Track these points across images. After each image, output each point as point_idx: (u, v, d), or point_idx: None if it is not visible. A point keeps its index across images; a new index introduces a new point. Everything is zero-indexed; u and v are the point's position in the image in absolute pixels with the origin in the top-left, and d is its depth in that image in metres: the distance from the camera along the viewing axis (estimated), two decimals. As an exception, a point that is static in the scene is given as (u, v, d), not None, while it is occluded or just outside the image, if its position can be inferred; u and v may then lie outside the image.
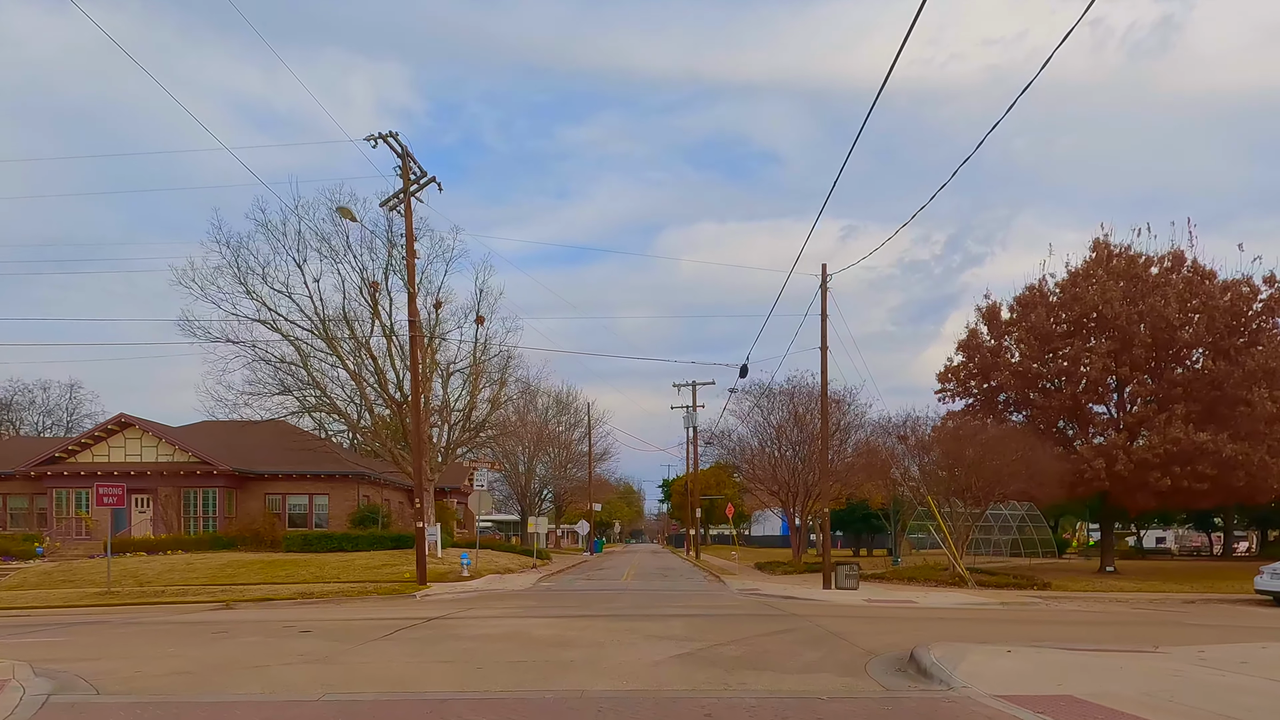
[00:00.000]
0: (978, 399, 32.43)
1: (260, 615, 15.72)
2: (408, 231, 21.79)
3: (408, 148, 21.44)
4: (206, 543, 31.70)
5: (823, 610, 16.19)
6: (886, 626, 13.19)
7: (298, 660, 9.35)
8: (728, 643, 10.73)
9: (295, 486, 36.01)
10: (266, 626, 13.23)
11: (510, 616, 14.67)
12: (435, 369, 30.43)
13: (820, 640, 11.09)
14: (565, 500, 72.88)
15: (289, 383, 28.78)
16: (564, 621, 13.51)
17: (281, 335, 27.26)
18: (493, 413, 32.12)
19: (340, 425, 30.59)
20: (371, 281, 26.59)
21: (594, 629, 12.32)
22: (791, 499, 32.62)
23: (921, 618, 15.08)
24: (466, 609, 16.60)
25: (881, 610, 16.79)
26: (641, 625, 12.84)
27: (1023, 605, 19.01)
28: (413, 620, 13.77)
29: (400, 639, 11.29)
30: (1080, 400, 28.34)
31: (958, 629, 13.02)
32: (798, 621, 13.63)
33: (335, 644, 10.79)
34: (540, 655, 9.61)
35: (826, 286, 22.11)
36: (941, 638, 11.17)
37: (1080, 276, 29.09)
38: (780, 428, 31.75)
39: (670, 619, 13.98)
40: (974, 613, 16.77)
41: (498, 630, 12.25)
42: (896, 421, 28.72)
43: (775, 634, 11.78)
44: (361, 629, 12.59)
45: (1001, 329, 31.51)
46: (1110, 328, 27.46)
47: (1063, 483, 26.70)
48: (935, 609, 17.49)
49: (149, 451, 34.13)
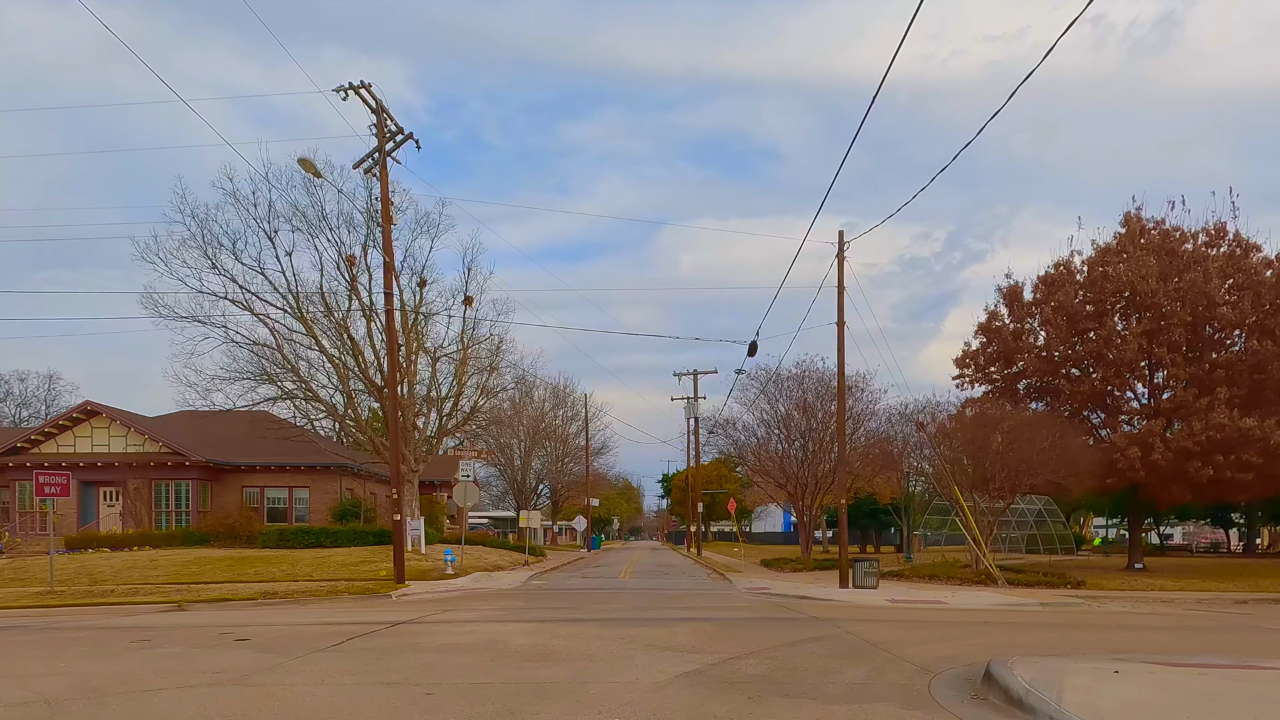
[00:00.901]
0: (998, 385, 30.46)
1: (205, 619, 13.76)
2: (383, 194, 19.80)
3: (383, 102, 19.46)
4: (177, 538, 29.75)
5: (847, 612, 14.23)
6: (929, 633, 11.24)
7: (205, 681, 7.39)
8: (746, 655, 8.78)
9: (274, 479, 34.04)
10: (200, 634, 11.26)
11: (489, 621, 12.71)
12: (420, 351, 28.44)
13: (858, 652, 9.13)
14: (562, 496, 70.86)
15: (263, 367, 26.79)
16: (549, 628, 11.55)
17: (253, 315, 25.24)
18: (481, 399, 30.11)
19: (323, 414, 28.49)
20: (348, 256, 24.56)
21: (583, 637, 10.36)
22: (800, 492, 30.65)
23: (962, 621, 13.13)
24: (444, 611, 14.66)
25: (912, 612, 14.84)
26: (640, 632, 10.88)
27: (1065, 606, 17.06)
28: (375, 625, 11.81)
29: (348, 651, 9.33)
30: (1111, 385, 26.36)
31: (1013, 635, 11.06)
32: (823, 627, 11.67)
33: (267, 657, 8.84)
34: (513, 674, 7.65)
35: (843, 255, 20.13)
36: (1002, 647, 9.22)
37: (1111, 253, 27.11)
38: (789, 415, 29.76)
39: (674, 624, 12.02)
40: (1016, 615, 14.83)
41: (469, 639, 10.29)
42: (915, 408, 26.72)
43: (801, 644, 9.81)
44: (311, 636, 10.63)
45: (1024, 310, 29.52)
46: (1145, 307, 25.49)
47: (1094, 473, 24.75)
48: (970, 610, 15.54)
49: (117, 441, 32.13)
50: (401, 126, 19.64)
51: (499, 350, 30.51)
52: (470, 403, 29.70)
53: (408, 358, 27.82)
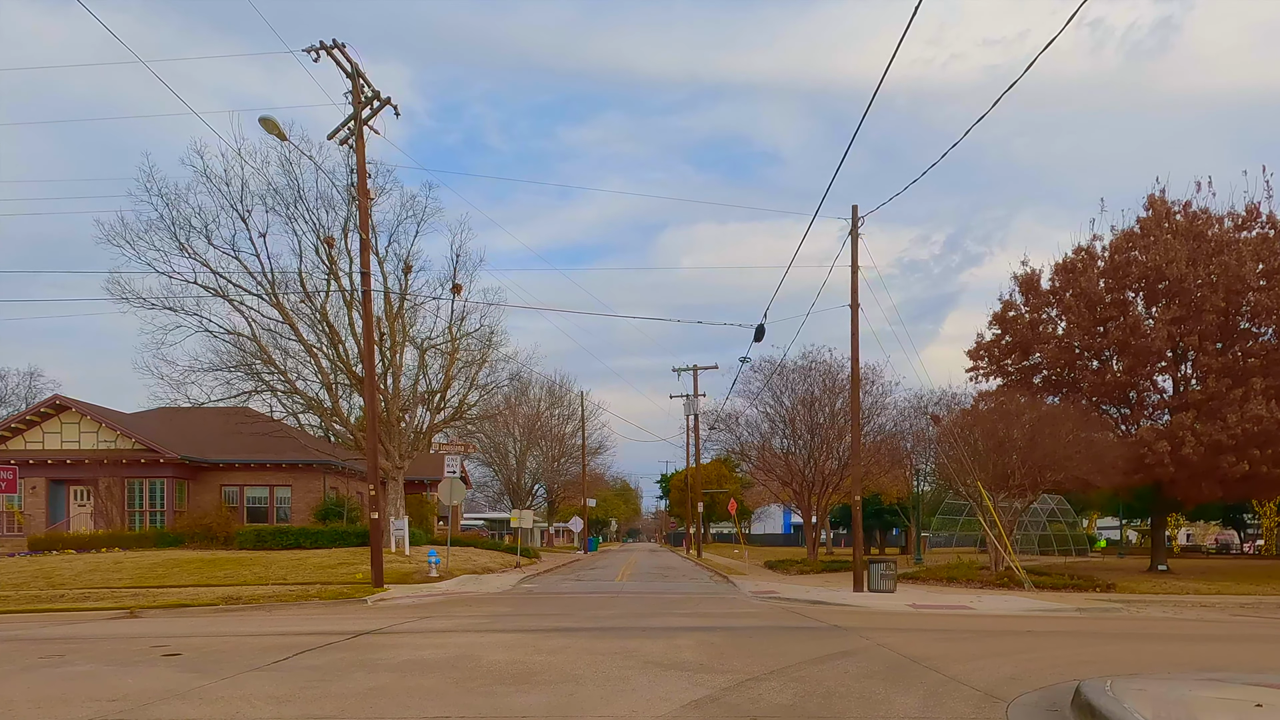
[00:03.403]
0: (1013, 378, 28.97)
1: (148, 628, 12.21)
2: (359, 165, 18.26)
3: (359, 65, 17.93)
4: (150, 539, 28.15)
5: (869, 620, 12.72)
6: (973, 645, 9.72)
7: (86, 714, 5.86)
8: (766, 676, 7.26)
9: (254, 477, 32.48)
10: (128, 647, 9.73)
11: (466, 630, 11.17)
12: (406, 341, 26.89)
13: (900, 672, 7.61)
14: (558, 496, 69.26)
15: (240, 358, 25.23)
16: (533, 639, 10.01)
17: (227, 300, 23.68)
18: (472, 393, 28.55)
19: (303, 408, 26.85)
20: (326, 237, 23.00)
21: (572, 651, 8.83)
22: (806, 490, 29.12)
23: (1002, 630, 11.61)
24: (420, 618, 13.13)
25: (940, 619, 13.32)
26: (638, 645, 9.36)
27: (1104, 611, 15.57)
28: (335, 636, 10.28)
29: (288, 670, 7.80)
30: (1137, 375, 24.88)
31: (1072, 648, 9.55)
32: (849, 638, 10.15)
33: (187, 678, 7.31)
34: (478, 703, 6.13)
35: (858, 232, 18.62)
36: (1068, 664, 7.74)
37: (1135, 238, 25.64)
38: (795, 409, 28.21)
39: (677, 635, 10.49)
40: (1057, 622, 13.32)
41: (437, 653, 8.76)
42: (930, 399, 25.21)
43: (829, 660, 8.29)
44: (252, 651, 9.10)
45: (1042, 299, 28.05)
46: (1173, 293, 24.03)
47: (1120, 470, 23.26)
48: (1004, 616, 14.04)
49: (88, 438, 30.55)
50: (379, 91, 18.11)
51: (490, 342, 28.96)
52: (459, 396, 28.15)
53: (392, 348, 26.29)
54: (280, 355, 24.99)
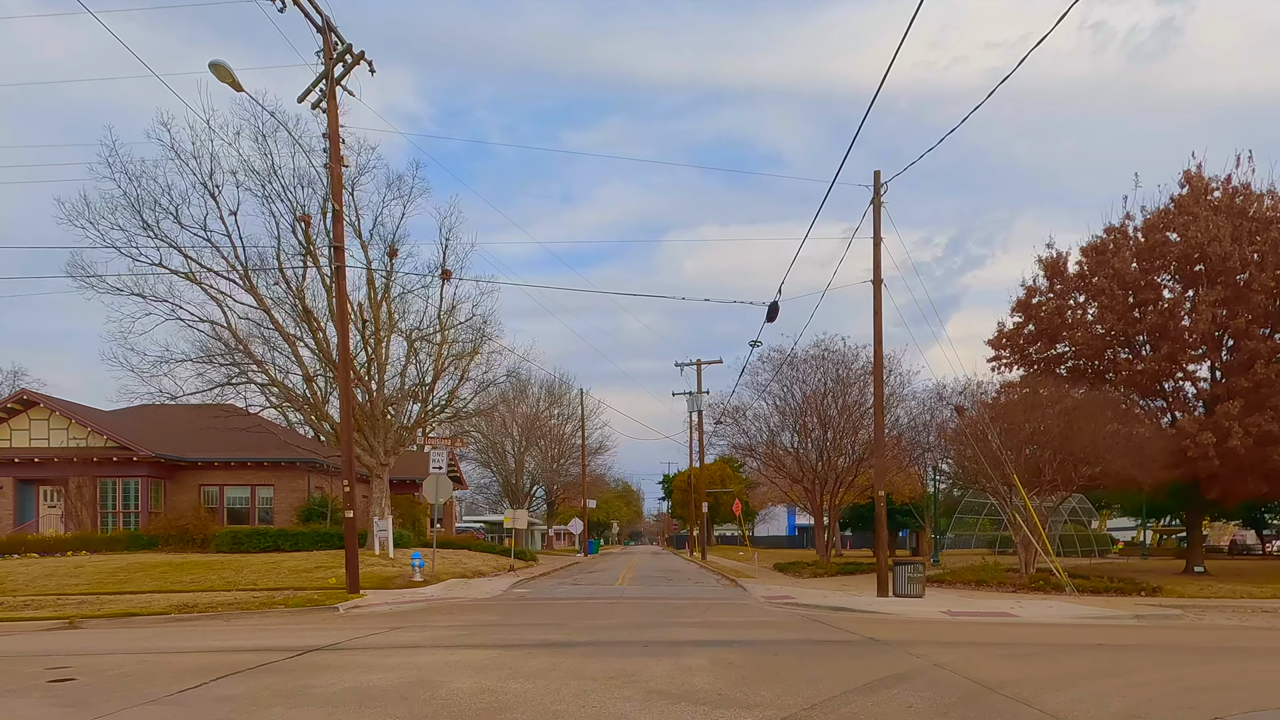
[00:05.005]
0: (1038, 368, 27.20)
1: (69, 644, 10.52)
2: (331, 128, 16.57)
3: (330, 19, 16.25)
4: (121, 541, 26.44)
5: (909, 631, 10.99)
6: (1048, 665, 7.99)
7: None
8: (806, 712, 5.54)
9: (235, 476, 30.77)
10: (13, 670, 8.02)
11: (435, 646, 9.44)
12: (393, 330, 25.20)
13: (980, 706, 5.88)
14: (558, 497, 67.52)
15: (213, 346, 23.55)
16: (513, 658, 8.29)
17: (197, 284, 22.01)
18: (463, 385, 26.82)
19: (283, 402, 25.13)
20: (302, 215, 21.30)
21: (556, 675, 7.11)
22: (819, 487, 27.36)
23: (1071, 643, 9.86)
24: (391, 629, 11.44)
25: (989, 630, 11.58)
26: (639, 665, 7.63)
27: (1164, 619, 13.84)
28: (278, 655, 8.57)
29: (192, 703, 6.09)
30: (1178, 360, 23.12)
31: (1171, 668, 7.82)
32: (894, 655, 8.42)
33: (59, 714, 5.61)
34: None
35: (880, 201, 16.90)
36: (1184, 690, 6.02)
37: (1172, 215, 23.90)
38: (808, 399, 26.43)
39: (686, 651, 8.76)
40: (1121, 631, 11.58)
41: (388, 678, 7.03)
42: (953, 390, 23.47)
43: (881, 687, 6.56)
44: (168, 674, 7.39)
45: (1069, 283, 26.30)
46: (1216, 273, 22.28)
47: (1161, 464, 21.50)
48: (1057, 625, 12.31)
49: (58, 435, 28.87)
50: (352, 45, 16.42)
51: (483, 333, 27.19)
52: (447, 388, 26.45)
53: (376, 337, 24.60)
54: (263, 347, 23.35)
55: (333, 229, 16.59)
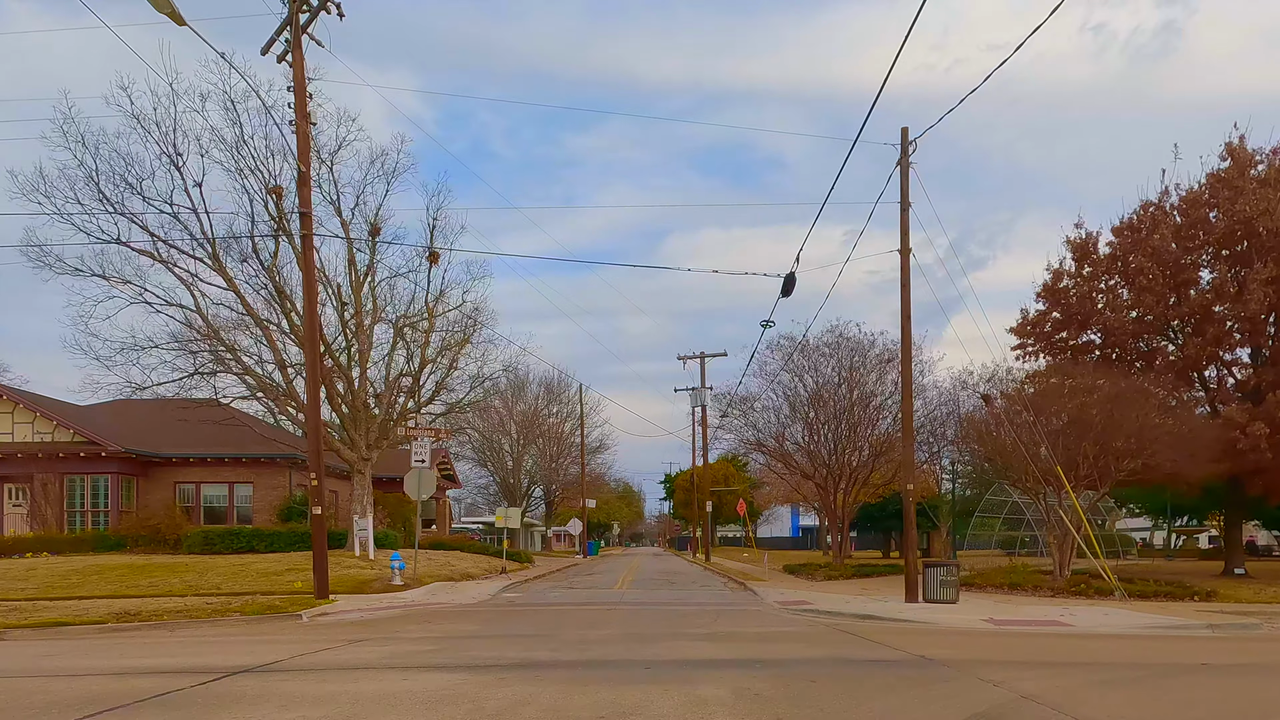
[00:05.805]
0: (1065, 356, 25.45)
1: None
2: (297, 81, 14.86)
3: (296, -44, 14.56)
4: (87, 542, 24.76)
5: (960, 646, 9.25)
6: (1158, 694, 6.25)
7: None
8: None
9: (212, 473, 29.04)
10: None
11: (389, 669, 7.69)
12: (376, 316, 23.50)
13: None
14: (557, 497, 65.70)
15: (183, 333, 21.86)
16: (478, 686, 6.54)
17: (160, 262, 20.31)
18: (451, 375, 25.06)
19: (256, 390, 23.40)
20: (274, 187, 19.58)
21: (529, 713, 5.37)
22: (833, 483, 25.60)
23: (1163, 663, 8.12)
24: (350, 642, 9.72)
25: (1051, 645, 9.82)
26: (640, 697, 5.88)
27: (1243, 629, 12.09)
28: (196, 678, 6.84)
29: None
30: (1223, 347, 21.38)
31: None
32: (961, 682, 6.68)
33: None
34: None
35: (908, 160, 15.17)
36: None
37: (1216, 187, 22.18)
38: (822, 388, 24.68)
39: (698, 674, 7.02)
40: (1205, 645, 9.84)
41: (318, 713, 5.30)
42: (980, 378, 21.70)
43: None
44: (35, 705, 5.67)
45: (1100, 265, 24.57)
46: (1268, 248, 20.56)
47: (1206, 457, 19.75)
48: (1126, 637, 10.58)
49: (22, 429, 27.17)
50: (320, -13, 14.73)
51: (475, 321, 25.44)
52: (435, 379, 24.74)
53: (358, 323, 22.91)
54: (234, 333, 21.63)
55: (299, 194, 14.87)
